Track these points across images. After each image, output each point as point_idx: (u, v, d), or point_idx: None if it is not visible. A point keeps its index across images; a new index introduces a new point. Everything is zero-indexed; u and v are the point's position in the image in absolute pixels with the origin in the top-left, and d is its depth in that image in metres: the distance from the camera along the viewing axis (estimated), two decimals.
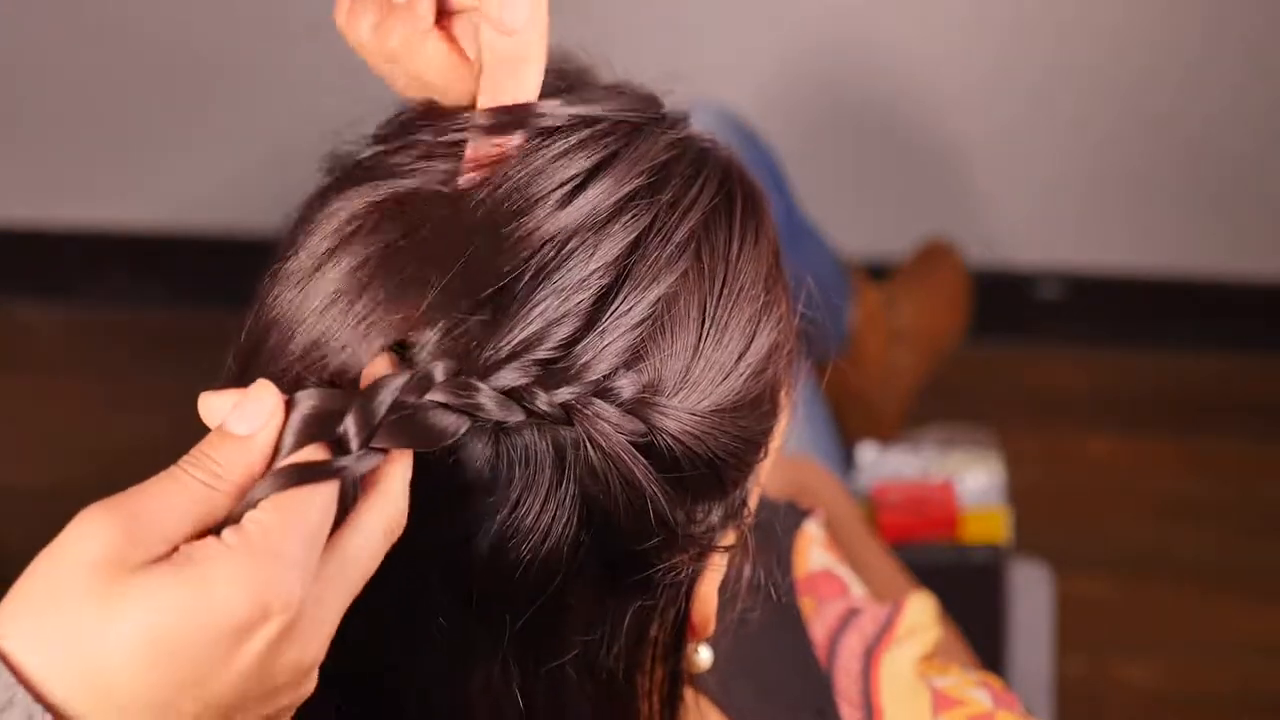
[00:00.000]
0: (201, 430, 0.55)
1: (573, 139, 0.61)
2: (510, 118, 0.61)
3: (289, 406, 0.55)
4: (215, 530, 0.52)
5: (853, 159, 2.20)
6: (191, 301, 2.19)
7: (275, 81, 2.20)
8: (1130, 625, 1.89)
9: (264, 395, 0.54)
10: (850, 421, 1.77)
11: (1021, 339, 2.22)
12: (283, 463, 0.54)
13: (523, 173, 0.60)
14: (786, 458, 1.32)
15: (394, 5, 0.63)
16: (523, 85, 0.62)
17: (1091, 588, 1.90)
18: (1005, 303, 2.18)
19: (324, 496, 0.53)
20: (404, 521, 0.56)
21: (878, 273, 1.94)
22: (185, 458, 0.53)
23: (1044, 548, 1.73)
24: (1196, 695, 1.83)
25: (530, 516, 0.59)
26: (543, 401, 0.57)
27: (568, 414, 0.58)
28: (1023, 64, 2.12)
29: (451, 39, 0.64)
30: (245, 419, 0.54)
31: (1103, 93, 2.12)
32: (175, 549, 0.51)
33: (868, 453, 1.55)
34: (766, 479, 0.67)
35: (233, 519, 0.52)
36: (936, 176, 2.20)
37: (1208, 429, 2.11)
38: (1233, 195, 2.17)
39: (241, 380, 0.57)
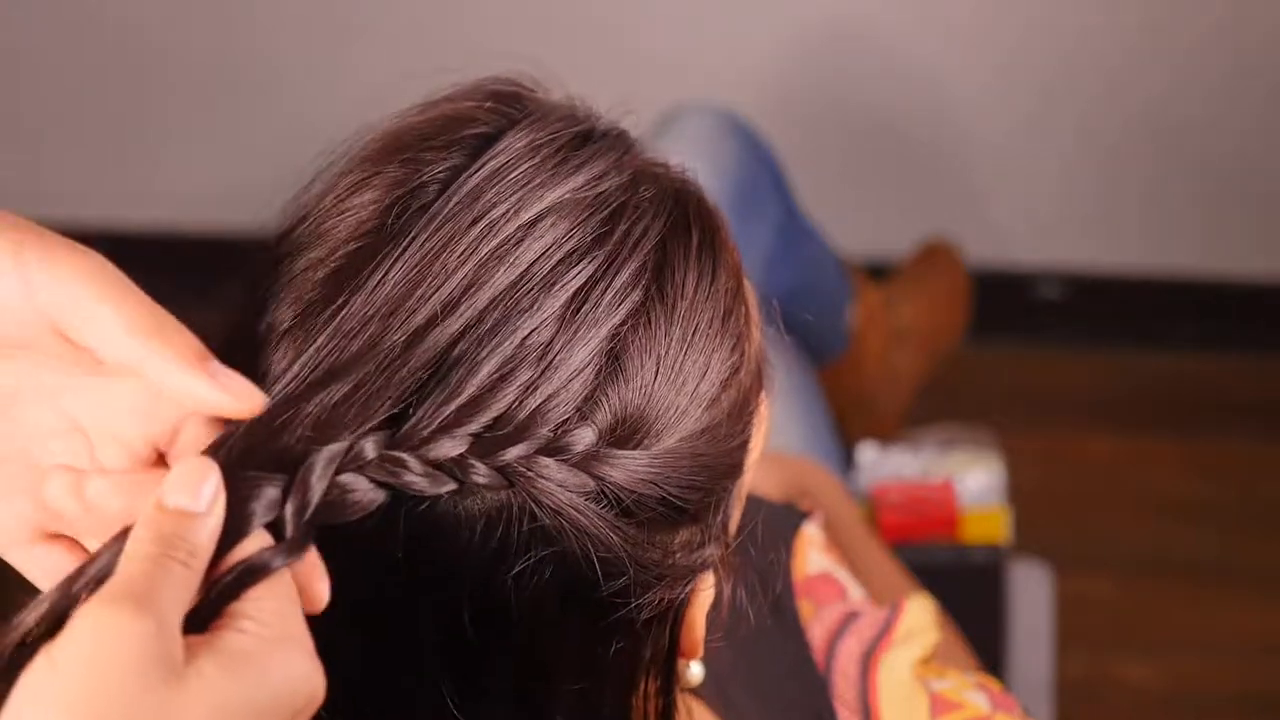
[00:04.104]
0: None
1: (514, 192, 0.59)
2: None
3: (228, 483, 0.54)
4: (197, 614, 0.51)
5: (853, 159, 2.20)
6: (191, 301, 2.19)
7: (276, 82, 2.20)
8: (1130, 625, 1.89)
9: (207, 473, 0.53)
10: (850, 421, 1.77)
11: (1021, 339, 2.22)
12: (242, 548, 0.53)
13: (461, 226, 0.58)
14: (787, 458, 1.32)
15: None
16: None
17: (1091, 588, 1.89)
18: (1005, 303, 2.18)
19: (290, 579, 0.53)
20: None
21: (878, 273, 1.94)
22: (146, 540, 0.51)
23: (1044, 548, 1.73)
24: (1197, 695, 1.83)
25: (507, 573, 0.58)
26: (480, 473, 0.56)
27: (507, 478, 0.57)
28: (1023, 64, 2.12)
29: None
30: (196, 496, 0.52)
31: (1104, 93, 2.12)
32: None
33: (868, 453, 1.55)
34: (761, 480, 0.67)
35: (222, 612, 0.52)
36: (937, 176, 2.20)
37: (1208, 429, 2.11)
38: (1234, 196, 2.17)
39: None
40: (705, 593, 0.64)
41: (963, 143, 2.17)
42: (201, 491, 0.52)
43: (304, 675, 0.51)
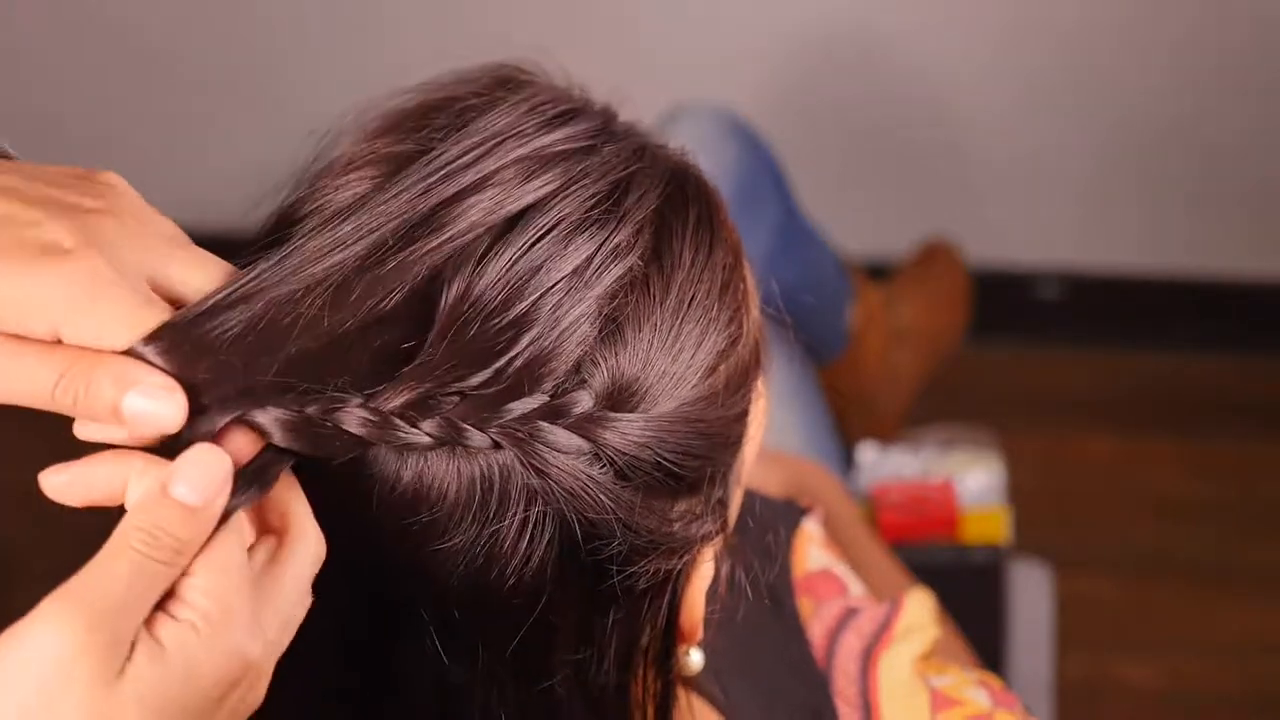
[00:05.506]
0: None
1: (517, 169, 0.60)
2: None
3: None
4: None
5: (853, 159, 2.20)
6: None
7: (276, 81, 2.20)
8: (1130, 625, 1.89)
9: (215, 462, 0.53)
10: (850, 421, 1.77)
11: (1021, 339, 2.22)
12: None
13: (469, 204, 0.59)
14: (787, 457, 1.32)
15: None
16: None
17: (1091, 588, 1.90)
18: (1005, 303, 2.18)
19: (240, 536, 0.53)
20: (323, 550, 0.55)
21: (878, 273, 1.94)
22: (136, 533, 0.51)
23: (1044, 548, 1.73)
24: (1196, 695, 1.83)
25: (504, 537, 0.58)
26: (473, 434, 0.56)
27: (502, 439, 0.57)
28: (1023, 63, 2.12)
29: None
30: (199, 489, 0.52)
31: (1104, 93, 2.12)
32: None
33: (868, 453, 1.55)
34: (762, 479, 0.67)
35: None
36: (936, 176, 2.20)
37: (1208, 429, 2.11)
38: (1234, 195, 2.17)
39: None
40: (704, 569, 0.64)
41: (963, 143, 2.17)
42: (207, 487, 0.52)
43: (237, 652, 0.51)
